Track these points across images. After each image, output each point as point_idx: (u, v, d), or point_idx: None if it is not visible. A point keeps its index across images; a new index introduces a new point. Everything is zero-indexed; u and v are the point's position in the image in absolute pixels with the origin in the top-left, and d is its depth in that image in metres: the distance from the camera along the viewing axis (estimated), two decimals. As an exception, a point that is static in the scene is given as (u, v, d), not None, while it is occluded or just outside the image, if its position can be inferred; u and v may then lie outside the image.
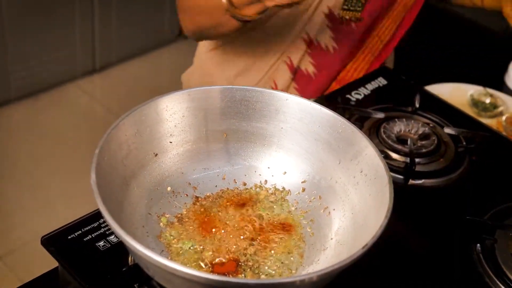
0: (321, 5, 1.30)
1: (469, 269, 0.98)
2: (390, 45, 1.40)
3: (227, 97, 0.97)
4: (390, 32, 1.38)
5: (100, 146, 0.83)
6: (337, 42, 1.34)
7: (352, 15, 1.31)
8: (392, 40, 1.39)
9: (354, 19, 1.32)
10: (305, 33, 1.33)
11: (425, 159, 1.15)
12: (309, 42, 1.34)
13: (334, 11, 1.31)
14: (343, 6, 1.30)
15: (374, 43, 1.38)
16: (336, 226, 0.91)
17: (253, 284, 0.73)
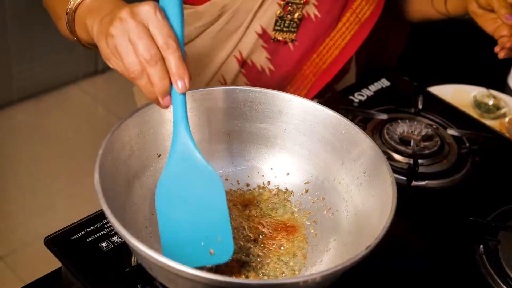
0: (254, 24, 1.22)
1: (472, 270, 0.98)
2: (332, 69, 1.29)
3: (230, 98, 0.97)
4: (332, 55, 1.29)
5: (103, 147, 0.83)
6: (273, 64, 1.26)
7: (285, 36, 1.24)
8: (335, 63, 1.29)
9: (289, 40, 1.24)
10: (238, 52, 1.24)
11: (428, 160, 1.15)
12: (243, 62, 1.26)
13: (268, 31, 1.23)
14: (274, 27, 1.22)
15: (315, 65, 1.29)
16: (339, 227, 0.91)
17: (255, 285, 0.72)
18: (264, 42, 1.23)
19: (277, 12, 1.20)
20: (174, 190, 0.82)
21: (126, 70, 0.79)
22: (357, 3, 1.26)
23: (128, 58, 0.78)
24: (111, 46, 0.80)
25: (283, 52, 1.25)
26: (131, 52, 0.78)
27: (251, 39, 1.23)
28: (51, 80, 2.77)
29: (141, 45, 0.77)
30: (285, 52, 1.25)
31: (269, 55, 1.25)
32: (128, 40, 0.78)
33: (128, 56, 0.78)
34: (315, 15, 1.23)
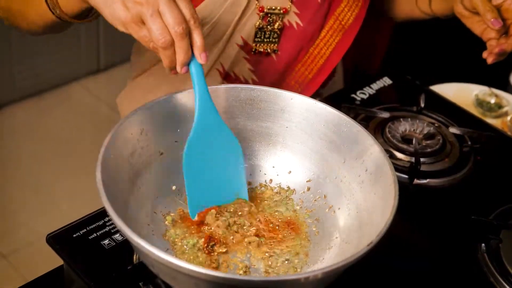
0: (234, 35, 1.19)
1: (474, 269, 0.98)
2: (318, 78, 1.28)
3: (232, 97, 0.97)
4: (317, 65, 1.26)
5: (105, 145, 0.83)
6: (256, 75, 1.24)
7: (266, 47, 1.21)
8: (320, 73, 1.27)
9: (271, 51, 1.22)
10: (220, 64, 1.22)
11: (430, 158, 1.15)
12: (225, 74, 1.24)
13: (249, 42, 1.21)
14: (255, 39, 1.20)
15: (300, 75, 1.27)
16: (341, 224, 0.91)
17: (258, 282, 0.73)
18: (246, 53, 1.21)
19: (255, 23, 1.18)
20: (200, 156, 0.89)
21: (153, 40, 0.81)
22: (340, 9, 1.24)
23: (158, 29, 0.80)
24: (134, 13, 0.80)
25: (266, 63, 1.23)
26: (160, 23, 0.80)
27: (233, 51, 1.20)
28: (53, 78, 2.77)
29: (173, 18, 0.80)
30: (268, 63, 1.23)
31: (251, 66, 1.22)
32: (157, 10, 0.80)
33: (158, 27, 0.80)
34: (297, 23, 1.21)
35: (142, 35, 0.82)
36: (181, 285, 0.80)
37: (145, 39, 0.82)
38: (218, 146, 0.90)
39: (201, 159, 0.89)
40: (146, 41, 0.82)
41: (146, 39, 0.82)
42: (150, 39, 0.82)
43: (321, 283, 0.79)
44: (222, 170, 0.91)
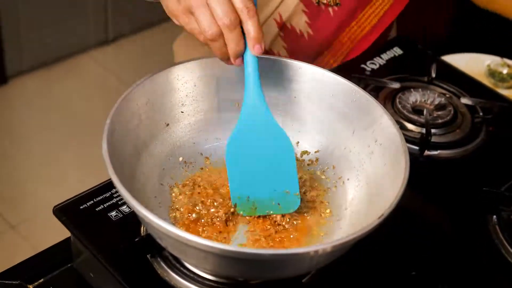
0: None
1: (485, 240, 0.97)
2: (370, 37, 1.29)
3: (240, 67, 0.95)
4: (370, 24, 1.27)
5: (111, 116, 0.82)
6: (312, 29, 1.24)
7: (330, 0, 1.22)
8: (373, 32, 1.28)
9: (333, 4, 1.22)
10: (278, 15, 1.23)
11: (441, 129, 1.14)
12: (282, 25, 1.25)
13: None
14: None
15: (353, 32, 1.28)
16: (351, 196, 0.90)
17: (267, 255, 0.72)
18: (304, 6, 1.21)
19: None
20: (245, 146, 0.87)
21: (202, 32, 0.82)
22: None
23: (205, 21, 0.80)
24: (184, 5, 0.82)
25: (323, 18, 1.24)
26: (208, 14, 0.80)
27: (292, 3, 1.21)
28: (61, 49, 2.76)
29: (221, 10, 0.79)
30: (325, 17, 1.24)
31: (308, 19, 1.23)
32: (206, 2, 0.80)
33: (206, 18, 0.80)
34: None
35: (192, 27, 0.83)
36: (190, 258, 0.80)
37: (195, 31, 0.83)
38: (265, 140, 0.88)
39: (245, 152, 0.87)
40: (197, 33, 0.83)
41: (196, 31, 0.83)
42: (200, 32, 0.82)
43: (331, 256, 0.78)
44: (269, 163, 0.88)
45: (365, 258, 0.91)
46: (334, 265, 0.81)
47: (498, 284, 0.94)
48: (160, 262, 0.85)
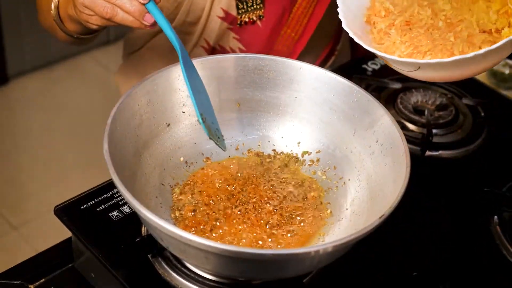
0: (214, 8, 1.16)
1: (486, 241, 0.97)
2: (303, 39, 1.24)
3: (240, 66, 0.95)
4: (302, 25, 1.23)
5: (112, 116, 0.82)
6: (243, 43, 1.22)
7: (252, 15, 1.17)
8: (304, 33, 1.24)
9: (256, 18, 1.18)
10: (204, 41, 1.20)
11: (442, 130, 1.14)
12: (211, 50, 1.22)
13: (231, 12, 1.17)
14: (238, 10, 1.16)
15: (287, 38, 1.24)
16: (352, 196, 0.90)
17: (268, 255, 0.72)
18: (229, 24, 1.18)
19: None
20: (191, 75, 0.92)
21: (101, 16, 0.89)
22: None
23: (96, 5, 0.89)
24: (81, 8, 0.91)
25: (252, 30, 1.20)
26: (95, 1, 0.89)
27: (215, 24, 1.18)
28: (62, 49, 2.76)
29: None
30: (253, 30, 1.20)
31: (236, 35, 1.20)
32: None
33: (96, 3, 0.89)
34: None
35: (97, 18, 0.91)
36: (191, 258, 0.80)
37: (102, 20, 0.90)
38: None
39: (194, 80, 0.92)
40: (104, 21, 0.91)
41: (99, 20, 0.91)
42: (102, 15, 0.89)
43: (332, 256, 0.78)
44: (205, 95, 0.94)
45: (366, 258, 0.91)
46: (335, 265, 0.81)
47: (499, 284, 0.94)
48: (161, 262, 0.85)
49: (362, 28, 0.91)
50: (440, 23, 0.86)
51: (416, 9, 0.89)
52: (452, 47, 0.84)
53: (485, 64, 0.84)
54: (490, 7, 0.85)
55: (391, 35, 0.89)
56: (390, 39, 0.88)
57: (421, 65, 0.83)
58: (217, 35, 1.19)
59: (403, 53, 0.86)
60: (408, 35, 0.87)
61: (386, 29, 0.89)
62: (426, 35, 0.86)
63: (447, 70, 0.83)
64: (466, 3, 0.87)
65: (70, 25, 1.04)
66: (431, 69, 0.84)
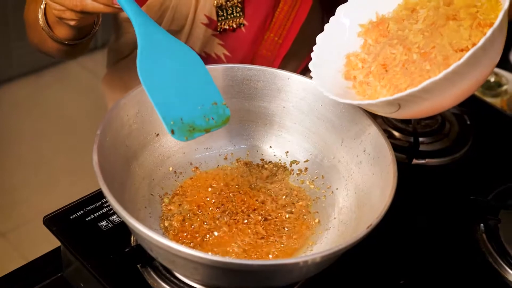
0: (198, 15, 1.16)
1: (472, 249, 0.98)
2: (286, 42, 1.24)
3: (229, 76, 0.96)
4: (285, 28, 1.23)
5: (101, 127, 0.82)
6: (228, 49, 1.21)
7: (232, 23, 1.17)
8: (288, 37, 1.24)
9: (237, 26, 1.18)
10: None
11: (429, 138, 1.15)
12: None
13: (214, 18, 1.17)
14: (218, 18, 1.17)
15: (271, 42, 1.24)
16: (340, 205, 0.91)
17: (256, 265, 0.72)
18: (213, 30, 1.18)
19: (213, 2, 1.15)
20: (156, 70, 0.85)
21: (72, 9, 0.89)
22: None
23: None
24: (52, 5, 0.91)
25: (236, 36, 1.21)
26: None
27: (200, 31, 1.18)
28: (50, 55, 2.75)
29: None
30: (237, 35, 1.21)
31: (221, 41, 1.20)
32: None
33: None
34: None
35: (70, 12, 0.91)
36: (180, 269, 0.80)
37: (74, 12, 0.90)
38: (172, 58, 0.87)
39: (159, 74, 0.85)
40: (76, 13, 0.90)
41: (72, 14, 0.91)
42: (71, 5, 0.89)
43: (320, 266, 0.78)
44: (185, 80, 0.87)
45: (354, 267, 0.92)
46: (323, 274, 0.82)
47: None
48: (150, 272, 0.86)
49: (343, 86, 0.90)
50: (415, 55, 0.84)
51: (387, 49, 0.87)
52: (429, 75, 0.81)
53: (467, 83, 0.81)
54: (461, 25, 0.83)
55: (370, 83, 0.87)
56: (371, 87, 0.87)
57: (398, 102, 0.80)
58: (202, 42, 1.19)
59: (385, 96, 0.83)
60: (386, 77, 0.85)
61: (365, 79, 0.88)
62: (403, 71, 0.84)
63: (428, 100, 0.81)
64: (436, 28, 0.85)
65: (60, 30, 1.02)
66: (411, 103, 0.81)
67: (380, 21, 0.92)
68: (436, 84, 0.77)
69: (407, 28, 0.88)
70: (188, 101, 0.86)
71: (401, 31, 0.88)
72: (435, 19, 0.86)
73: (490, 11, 0.83)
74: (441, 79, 0.76)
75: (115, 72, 1.33)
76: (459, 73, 0.77)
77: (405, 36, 0.87)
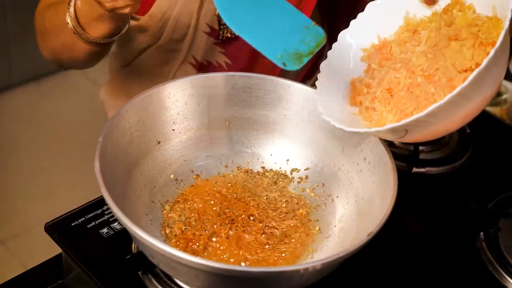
0: (200, 24, 1.16)
1: (472, 257, 0.98)
2: None
3: (230, 84, 0.96)
4: None
5: (103, 134, 0.83)
6: (229, 57, 1.22)
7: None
8: None
9: None
10: (192, 58, 1.20)
11: (429, 147, 1.15)
12: (199, 65, 1.22)
13: (215, 27, 1.17)
14: (220, 26, 1.17)
15: None
16: (340, 213, 0.91)
17: (257, 272, 0.73)
18: (214, 38, 1.19)
19: (215, 11, 1.15)
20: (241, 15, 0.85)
21: None
22: None
23: None
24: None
25: (236, 44, 1.21)
26: None
27: (202, 40, 1.18)
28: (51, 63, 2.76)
29: None
30: (238, 44, 1.21)
31: (222, 49, 1.20)
32: None
33: None
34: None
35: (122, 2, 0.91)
36: (181, 275, 0.80)
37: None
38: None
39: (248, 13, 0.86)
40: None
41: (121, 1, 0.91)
42: None
43: (320, 273, 0.79)
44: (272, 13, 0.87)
45: (354, 274, 0.92)
46: (323, 282, 0.82)
47: (485, 300, 0.95)
48: (151, 279, 0.86)
49: (349, 112, 0.89)
50: (419, 78, 0.83)
51: (392, 74, 0.86)
52: (435, 98, 0.80)
53: (473, 103, 0.79)
54: (464, 45, 0.82)
55: (376, 108, 0.86)
56: (377, 113, 0.86)
57: (405, 127, 0.80)
58: (204, 50, 1.19)
59: (391, 122, 0.83)
60: (392, 102, 0.84)
61: (370, 104, 0.87)
62: (408, 95, 0.83)
63: (435, 124, 0.80)
64: (439, 50, 0.84)
65: (96, 29, 1.01)
66: (418, 128, 0.80)
67: (383, 45, 0.92)
68: (441, 108, 0.76)
69: (410, 51, 0.87)
70: (282, 33, 0.86)
71: (404, 54, 0.88)
72: (437, 40, 0.85)
73: (491, 30, 0.82)
74: (446, 102, 0.75)
75: (117, 79, 1.33)
76: (464, 95, 0.76)
77: (408, 59, 0.86)
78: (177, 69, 1.21)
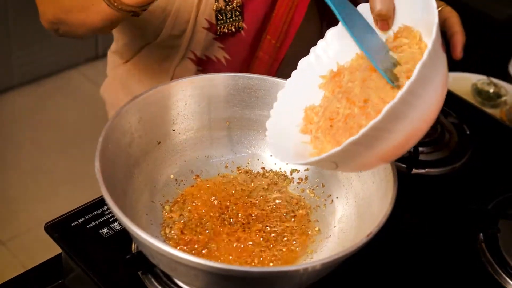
0: (199, 19, 1.16)
1: (472, 258, 0.98)
2: (285, 44, 1.24)
3: (230, 85, 0.96)
4: (282, 31, 1.22)
5: (103, 134, 0.83)
6: (228, 52, 1.22)
7: (231, 27, 1.17)
8: (286, 39, 1.23)
9: (235, 30, 1.19)
10: (192, 53, 1.20)
11: (428, 148, 1.15)
12: (198, 60, 1.22)
13: (214, 22, 1.17)
14: (217, 22, 1.17)
15: (268, 45, 1.23)
16: (339, 214, 0.91)
17: (257, 272, 0.73)
18: (213, 34, 1.19)
19: (213, 6, 1.15)
20: None
21: None
22: None
23: None
24: None
25: (235, 39, 1.21)
26: None
27: (201, 36, 1.18)
28: (51, 64, 2.76)
29: None
30: (237, 38, 1.21)
31: (221, 44, 1.21)
32: None
33: None
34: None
35: None
36: (180, 275, 0.80)
37: None
38: None
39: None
40: None
41: None
42: None
43: (320, 274, 0.79)
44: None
45: (353, 275, 0.92)
46: (322, 282, 0.82)
47: (485, 301, 0.95)
48: (151, 279, 0.86)
49: (301, 140, 0.86)
50: (356, 109, 0.79)
51: (334, 103, 0.83)
52: None
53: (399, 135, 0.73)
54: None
55: (319, 138, 0.83)
56: (320, 143, 0.83)
57: (332, 160, 0.75)
58: (203, 45, 1.20)
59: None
60: (331, 133, 0.81)
61: (316, 134, 0.84)
62: (343, 126, 0.79)
63: (361, 156, 0.75)
64: (364, 82, 0.81)
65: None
66: (346, 159, 0.75)
67: (337, 72, 0.88)
68: (357, 143, 0.71)
69: (357, 79, 0.83)
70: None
71: (351, 83, 0.84)
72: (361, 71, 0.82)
73: (411, 59, 0.80)
74: (361, 137, 0.70)
75: (116, 77, 1.34)
76: (382, 129, 0.71)
77: (351, 88, 0.83)
78: (177, 65, 1.22)
